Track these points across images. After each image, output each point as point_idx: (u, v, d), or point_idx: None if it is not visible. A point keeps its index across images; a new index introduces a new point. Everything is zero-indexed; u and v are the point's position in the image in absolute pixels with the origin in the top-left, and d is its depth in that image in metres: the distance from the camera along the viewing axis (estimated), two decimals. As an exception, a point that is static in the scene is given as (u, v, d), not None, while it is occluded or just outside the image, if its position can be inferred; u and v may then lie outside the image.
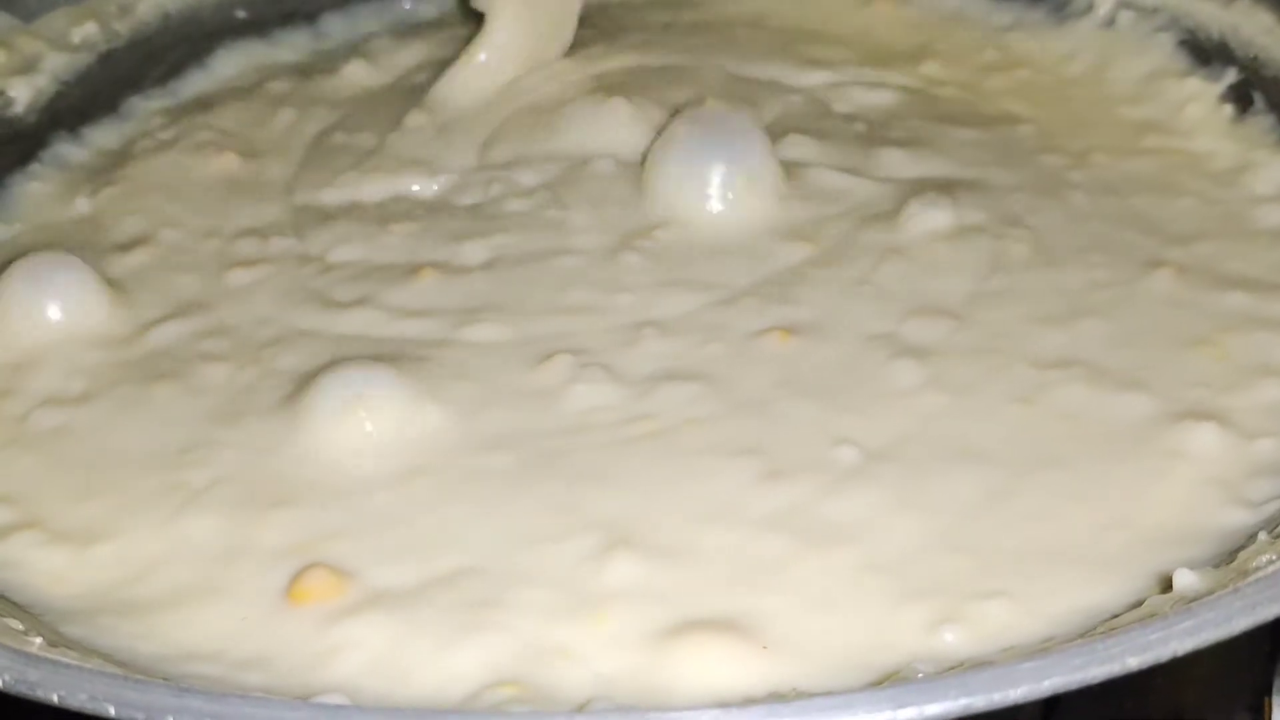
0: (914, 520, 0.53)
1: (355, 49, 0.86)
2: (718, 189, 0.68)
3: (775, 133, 0.73)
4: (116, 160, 0.78)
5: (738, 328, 0.62)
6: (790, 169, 0.71)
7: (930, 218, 0.67)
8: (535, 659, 0.48)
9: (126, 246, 0.71)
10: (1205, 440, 0.56)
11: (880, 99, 0.79)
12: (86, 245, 0.71)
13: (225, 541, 0.54)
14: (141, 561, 0.54)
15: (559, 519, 0.54)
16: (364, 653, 0.49)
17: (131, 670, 0.46)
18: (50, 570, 0.54)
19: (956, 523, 0.53)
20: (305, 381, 0.60)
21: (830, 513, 0.53)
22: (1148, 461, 0.55)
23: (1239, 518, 0.53)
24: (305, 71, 0.85)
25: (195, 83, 0.85)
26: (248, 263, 0.69)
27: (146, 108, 0.83)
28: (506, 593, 0.51)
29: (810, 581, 0.51)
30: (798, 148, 0.73)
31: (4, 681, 0.40)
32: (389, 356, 0.61)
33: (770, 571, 0.51)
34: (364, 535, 0.54)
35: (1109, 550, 0.52)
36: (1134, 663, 0.37)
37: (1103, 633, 0.42)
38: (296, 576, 0.51)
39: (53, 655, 0.42)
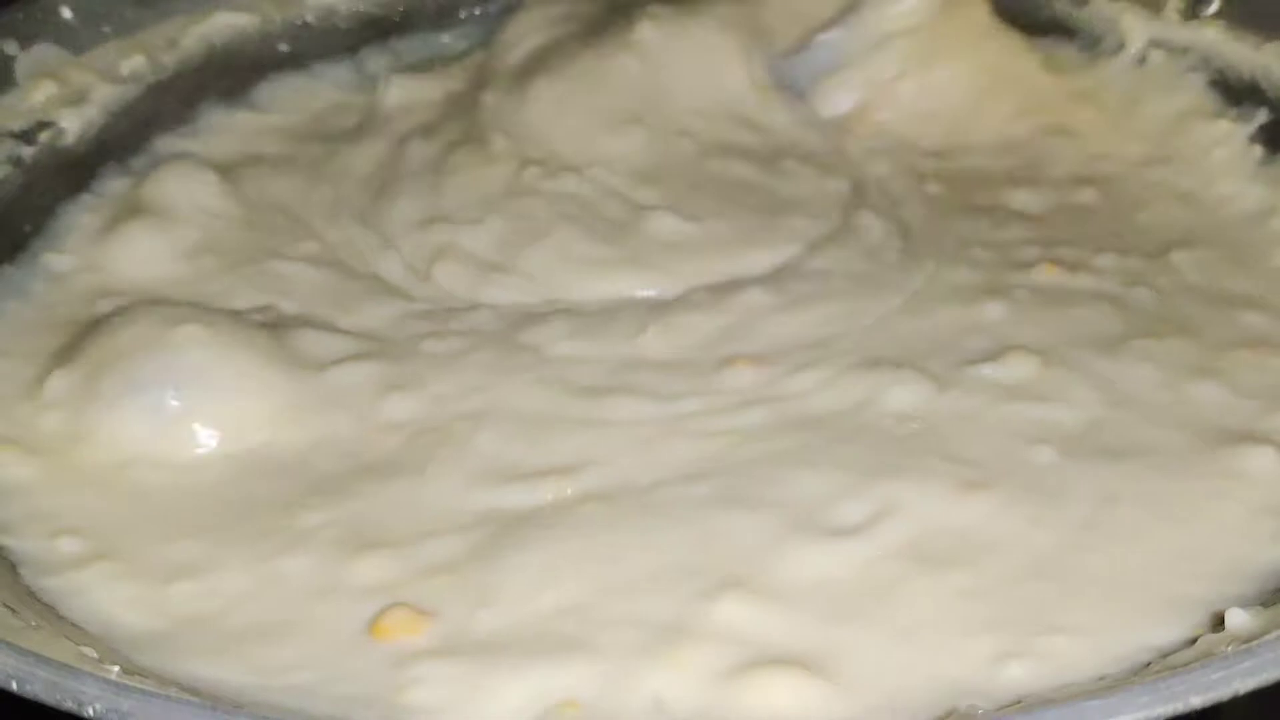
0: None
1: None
2: None
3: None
4: None
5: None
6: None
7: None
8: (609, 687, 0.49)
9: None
10: (1261, 464, 0.57)
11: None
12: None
13: (318, 579, 0.54)
14: (227, 596, 0.54)
15: (627, 561, 0.54)
16: (437, 689, 0.49)
17: (205, 698, 0.47)
18: (125, 599, 0.54)
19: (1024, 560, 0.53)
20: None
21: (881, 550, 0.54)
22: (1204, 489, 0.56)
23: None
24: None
25: (238, 114, 0.87)
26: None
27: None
28: (585, 633, 0.51)
29: (878, 617, 0.51)
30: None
31: (94, 711, 0.40)
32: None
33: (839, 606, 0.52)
34: (447, 575, 0.54)
35: (1166, 587, 0.52)
36: (1197, 701, 0.38)
37: (1162, 671, 0.42)
38: (379, 614, 0.52)
39: (141, 684, 0.43)
